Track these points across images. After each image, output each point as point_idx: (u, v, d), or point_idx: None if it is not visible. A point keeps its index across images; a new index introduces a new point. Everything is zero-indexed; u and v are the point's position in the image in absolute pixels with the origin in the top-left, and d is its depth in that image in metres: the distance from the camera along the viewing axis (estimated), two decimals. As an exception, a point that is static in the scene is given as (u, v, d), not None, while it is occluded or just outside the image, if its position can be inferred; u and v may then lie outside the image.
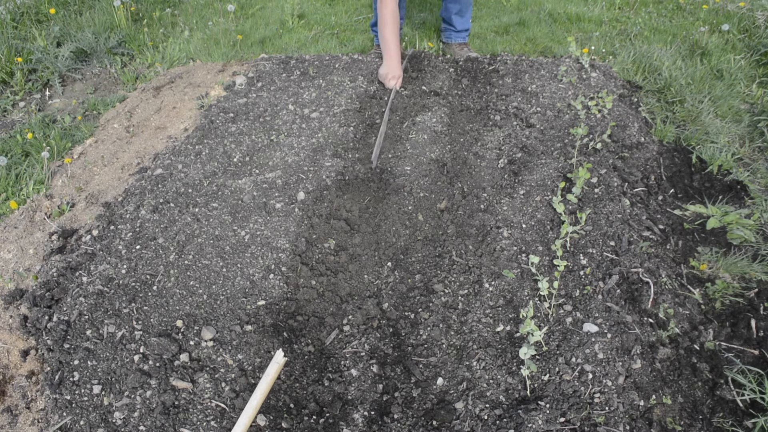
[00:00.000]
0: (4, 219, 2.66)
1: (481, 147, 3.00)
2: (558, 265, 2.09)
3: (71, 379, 1.85)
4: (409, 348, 2.06)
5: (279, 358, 1.80)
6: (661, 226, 2.41)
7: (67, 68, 3.94)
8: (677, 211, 2.53)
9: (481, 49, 4.07)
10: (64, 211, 2.69)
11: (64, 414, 1.76)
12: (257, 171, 2.79)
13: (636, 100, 3.36)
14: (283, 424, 1.77)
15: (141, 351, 1.92)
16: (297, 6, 4.72)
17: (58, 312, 2.07)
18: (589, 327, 1.91)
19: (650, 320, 1.95)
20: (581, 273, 2.15)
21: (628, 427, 1.63)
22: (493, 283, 2.20)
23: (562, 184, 2.49)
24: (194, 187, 2.69)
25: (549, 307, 2.03)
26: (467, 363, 1.93)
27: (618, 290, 2.04)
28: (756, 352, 1.88)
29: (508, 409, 1.75)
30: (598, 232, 2.31)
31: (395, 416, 1.83)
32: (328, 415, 1.84)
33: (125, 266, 2.25)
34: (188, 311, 2.07)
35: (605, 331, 1.89)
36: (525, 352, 1.75)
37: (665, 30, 4.18)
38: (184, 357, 1.90)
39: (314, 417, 1.83)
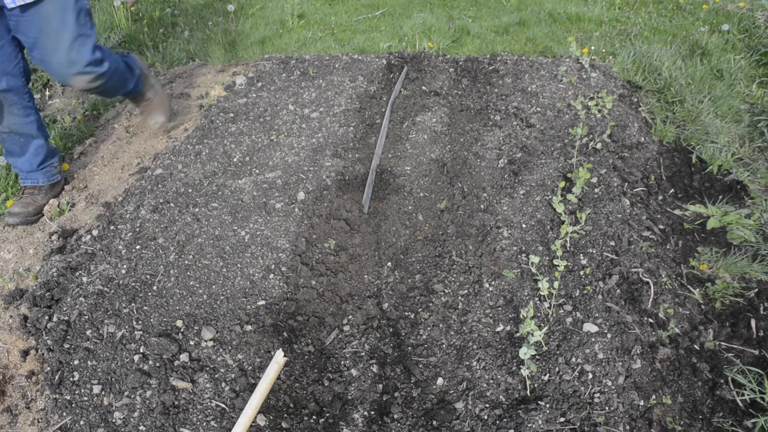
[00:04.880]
0: (4, 219, 2.66)
1: (481, 147, 3.00)
2: (558, 265, 2.09)
3: (71, 379, 1.85)
4: (409, 348, 2.06)
5: (279, 358, 1.80)
6: (661, 226, 2.41)
7: (67, 68, 3.94)
8: (677, 211, 2.53)
9: (481, 49, 4.07)
10: (64, 211, 2.69)
11: (64, 414, 1.76)
12: (257, 171, 2.79)
13: (636, 100, 3.36)
14: (283, 424, 1.77)
15: (141, 351, 1.92)
16: (297, 6, 4.72)
17: (58, 312, 2.07)
18: (589, 327, 1.91)
19: (650, 320, 1.95)
20: (581, 273, 2.15)
21: (628, 427, 1.63)
22: (493, 283, 2.20)
23: (562, 184, 2.49)
24: (194, 187, 2.69)
25: (549, 307, 2.03)
26: (467, 363, 1.93)
27: (618, 290, 2.04)
28: (756, 352, 1.88)
29: (508, 409, 1.75)
30: (598, 232, 2.31)
31: (395, 416, 1.83)
32: (328, 415, 1.84)
33: (125, 266, 2.25)
34: (188, 311, 2.07)
35: (605, 331, 1.89)
36: (525, 352, 1.75)
37: (665, 30, 4.18)
38: (184, 357, 1.90)
39: (314, 417, 1.83)
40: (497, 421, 1.71)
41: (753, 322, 1.97)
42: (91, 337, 1.97)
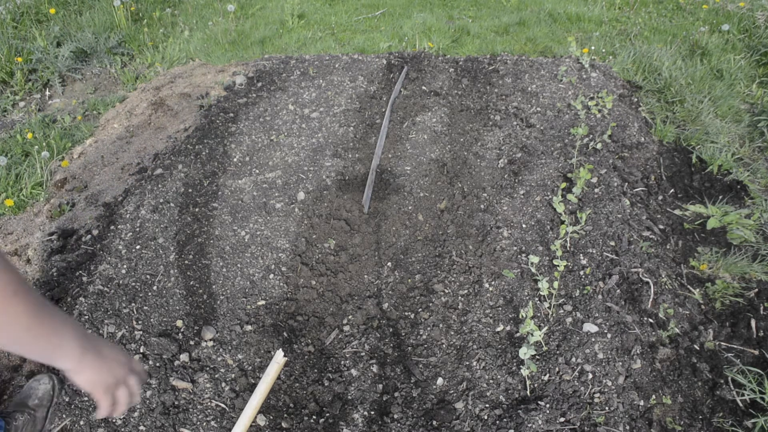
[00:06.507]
0: (3, 219, 2.66)
1: (481, 147, 3.00)
2: (558, 265, 2.09)
3: (71, 379, 1.85)
4: (409, 348, 2.06)
5: (279, 358, 1.80)
6: (661, 226, 2.41)
7: (67, 68, 3.94)
8: (677, 211, 2.53)
9: (481, 49, 4.07)
10: (64, 211, 2.69)
11: (64, 415, 1.76)
12: (257, 171, 2.79)
13: (636, 100, 3.36)
14: (283, 424, 1.77)
15: (141, 351, 1.92)
16: (297, 6, 4.72)
17: (58, 312, 2.07)
18: (589, 327, 1.91)
19: (650, 320, 1.94)
20: (581, 273, 2.15)
21: (628, 427, 1.63)
22: (493, 283, 2.20)
23: (562, 184, 2.49)
24: (194, 187, 2.69)
25: (549, 307, 2.03)
26: (467, 363, 1.93)
27: (618, 290, 2.04)
28: (756, 352, 1.88)
29: (508, 409, 1.75)
30: (598, 232, 2.31)
31: (395, 416, 1.82)
32: (328, 415, 1.84)
33: (125, 266, 2.25)
34: (188, 311, 2.07)
35: (605, 331, 1.89)
36: (525, 352, 1.75)
37: (665, 30, 4.18)
38: (184, 357, 1.90)
39: (314, 417, 1.83)
40: (497, 421, 1.71)
41: (753, 322, 1.97)
42: (91, 337, 1.97)
